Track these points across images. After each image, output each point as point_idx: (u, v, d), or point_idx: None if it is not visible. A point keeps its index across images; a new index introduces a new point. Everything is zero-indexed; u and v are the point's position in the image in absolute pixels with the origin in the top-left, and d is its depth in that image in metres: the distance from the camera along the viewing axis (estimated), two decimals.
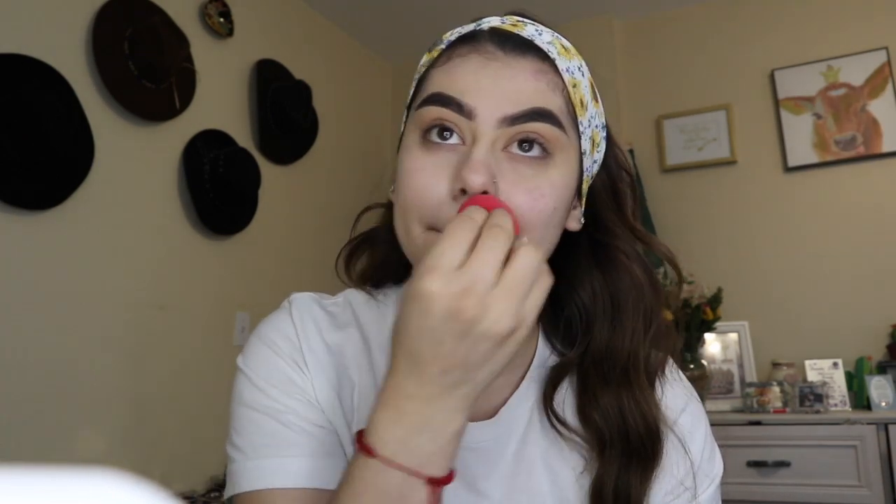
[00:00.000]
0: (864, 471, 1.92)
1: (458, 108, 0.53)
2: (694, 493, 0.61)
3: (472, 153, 0.51)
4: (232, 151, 2.21)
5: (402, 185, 0.55)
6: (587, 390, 0.61)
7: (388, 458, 0.44)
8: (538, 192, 0.53)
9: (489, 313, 0.42)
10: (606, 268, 0.62)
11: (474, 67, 0.54)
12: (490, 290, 0.43)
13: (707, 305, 2.39)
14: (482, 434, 0.60)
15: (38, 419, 1.66)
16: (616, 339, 0.60)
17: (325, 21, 2.89)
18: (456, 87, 0.54)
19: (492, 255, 0.44)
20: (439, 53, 0.58)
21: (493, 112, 0.53)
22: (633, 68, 2.91)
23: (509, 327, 0.43)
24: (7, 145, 1.59)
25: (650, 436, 0.58)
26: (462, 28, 0.59)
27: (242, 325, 2.29)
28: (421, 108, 0.55)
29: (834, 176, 2.54)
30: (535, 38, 0.56)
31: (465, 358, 0.43)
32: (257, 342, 0.62)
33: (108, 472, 0.16)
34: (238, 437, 0.58)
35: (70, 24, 1.83)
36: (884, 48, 2.52)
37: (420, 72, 0.60)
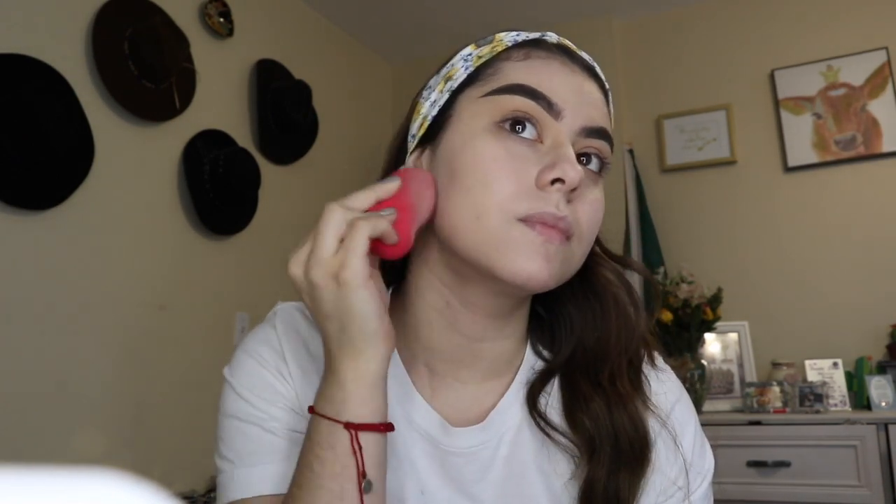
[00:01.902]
0: (864, 471, 1.92)
1: (546, 105, 0.54)
2: (687, 492, 0.61)
3: (566, 150, 0.53)
4: (232, 151, 2.21)
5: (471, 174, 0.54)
6: (575, 394, 0.61)
7: (316, 411, 0.51)
8: (597, 204, 0.57)
9: (307, 268, 0.51)
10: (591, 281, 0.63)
11: (560, 72, 0.56)
12: (310, 251, 0.51)
13: (707, 305, 2.39)
14: (471, 439, 0.60)
15: (37, 419, 1.66)
16: (602, 344, 0.61)
17: (325, 21, 2.89)
18: (543, 84, 0.55)
19: (320, 226, 0.52)
20: (506, 48, 0.58)
21: (577, 120, 0.55)
22: (633, 68, 2.91)
23: (323, 274, 0.50)
24: (7, 145, 1.59)
25: (639, 440, 0.59)
26: (526, 33, 0.60)
27: (242, 325, 2.29)
28: (500, 96, 0.55)
29: (834, 176, 2.54)
30: (594, 66, 0.61)
31: (321, 311, 0.51)
32: (243, 354, 0.63)
33: (108, 472, 0.16)
34: (225, 447, 0.60)
35: (70, 24, 1.83)
36: (884, 48, 2.52)
37: (475, 61, 0.59)
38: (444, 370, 0.62)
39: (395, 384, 0.61)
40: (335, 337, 0.51)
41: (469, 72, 0.58)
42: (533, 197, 0.53)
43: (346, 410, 0.50)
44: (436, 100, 0.60)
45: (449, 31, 2.92)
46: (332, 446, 0.50)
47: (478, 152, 0.54)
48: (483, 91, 0.56)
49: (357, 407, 0.50)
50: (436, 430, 0.60)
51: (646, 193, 2.74)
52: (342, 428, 0.50)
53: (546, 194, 0.52)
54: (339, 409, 0.50)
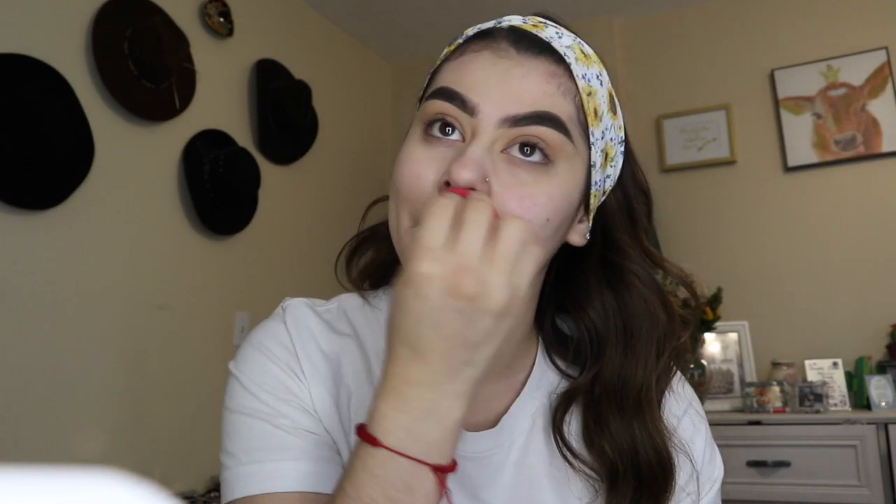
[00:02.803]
0: (864, 471, 1.92)
1: (461, 104, 0.52)
2: (697, 498, 0.61)
3: (466, 149, 0.50)
4: (232, 151, 2.21)
5: (395, 174, 0.54)
6: (598, 419, 0.58)
7: (393, 447, 0.43)
8: (531, 199, 0.51)
9: (485, 288, 0.42)
10: (618, 289, 0.60)
11: (484, 64, 0.53)
12: (481, 264, 0.42)
13: (707, 305, 2.39)
14: (483, 443, 0.59)
15: (38, 419, 1.66)
16: (629, 368, 0.58)
17: (325, 21, 2.89)
18: (463, 82, 0.53)
19: (477, 227, 0.43)
20: (455, 48, 0.57)
21: (496, 111, 0.51)
22: (633, 68, 2.91)
23: (506, 299, 0.42)
24: (7, 145, 1.59)
25: (662, 468, 0.57)
26: (483, 24, 0.58)
27: (242, 325, 2.29)
28: (426, 101, 0.54)
29: (834, 176, 2.54)
30: (552, 41, 0.55)
31: (466, 337, 0.42)
32: (250, 348, 0.60)
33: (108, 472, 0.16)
34: (231, 442, 0.56)
35: (70, 24, 1.83)
36: (884, 48, 2.52)
37: (436, 65, 0.59)
38: None
39: None
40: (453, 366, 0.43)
41: (428, 79, 0.59)
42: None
43: (439, 452, 0.44)
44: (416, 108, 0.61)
45: (449, 31, 2.90)
46: (412, 489, 0.43)
47: (400, 157, 0.54)
48: (425, 97, 0.56)
49: (451, 448, 0.44)
50: None
51: None
52: (429, 470, 0.43)
53: None
54: (430, 450, 0.43)
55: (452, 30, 0.63)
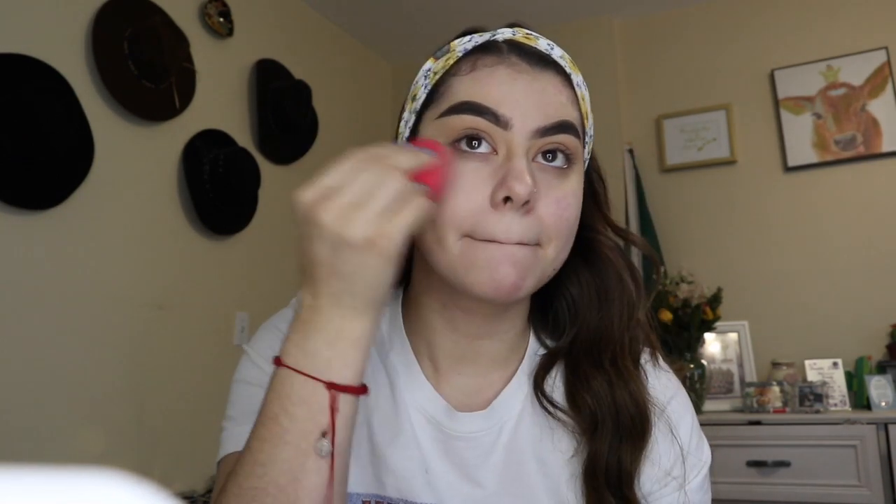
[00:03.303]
0: (864, 471, 1.92)
1: (493, 119, 0.55)
2: (683, 481, 0.62)
3: (515, 163, 0.53)
4: (232, 151, 2.21)
5: None
6: (578, 376, 0.63)
7: (289, 364, 0.48)
8: (565, 202, 0.56)
9: (344, 220, 0.46)
10: (593, 262, 0.65)
11: (505, 79, 0.56)
12: (351, 203, 0.46)
13: (707, 305, 2.39)
14: (474, 424, 0.63)
15: (37, 419, 1.66)
16: (604, 327, 0.63)
17: (325, 21, 2.89)
18: (490, 97, 0.55)
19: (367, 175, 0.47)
20: (456, 61, 0.59)
21: (527, 123, 0.55)
22: (633, 68, 2.91)
23: (364, 235, 0.46)
24: (7, 145, 1.59)
25: (640, 414, 0.60)
26: (476, 37, 0.60)
27: (242, 325, 2.29)
28: (451, 117, 0.56)
29: (834, 176, 2.54)
30: (551, 53, 0.59)
31: (335, 266, 0.47)
32: (263, 330, 0.67)
33: (108, 472, 0.16)
34: (231, 407, 0.63)
35: (70, 24, 1.83)
36: (884, 48, 2.52)
37: (432, 80, 0.60)
38: (448, 366, 0.65)
39: (404, 370, 0.65)
40: (334, 293, 0.48)
41: (427, 91, 0.60)
42: (485, 217, 0.54)
43: (331, 370, 0.48)
44: (407, 120, 0.62)
45: (449, 31, 2.91)
46: (307, 403, 0.47)
47: None
48: (437, 112, 0.58)
49: (343, 368, 0.48)
50: (441, 414, 0.63)
51: (645, 193, 2.74)
52: (323, 387, 0.48)
53: (499, 214, 0.54)
54: (322, 367, 0.48)
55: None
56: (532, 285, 0.57)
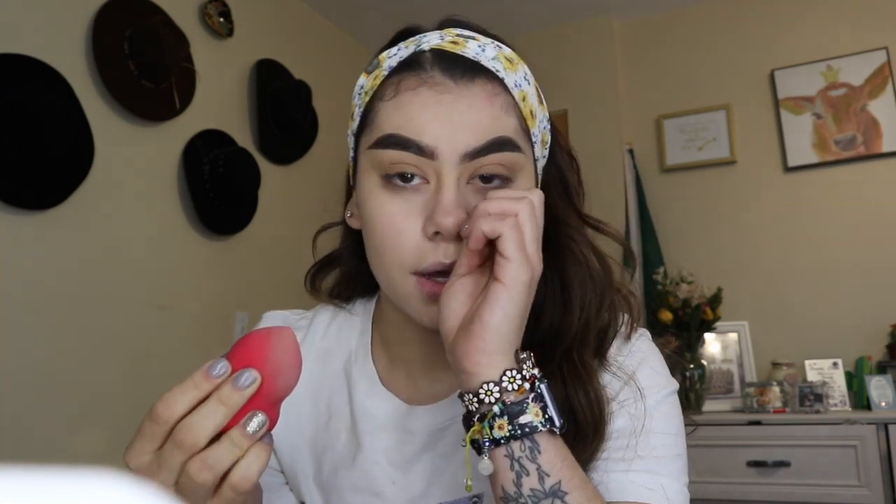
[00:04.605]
0: (864, 471, 1.92)
1: (418, 151, 0.53)
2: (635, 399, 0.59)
3: (442, 195, 0.52)
4: (232, 151, 2.21)
5: (374, 232, 0.56)
6: None
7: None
8: None
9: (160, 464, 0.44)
10: (556, 255, 0.62)
11: (428, 103, 0.53)
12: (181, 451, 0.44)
13: (707, 305, 2.39)
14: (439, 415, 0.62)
15: (37, 419, 1.66)
16: (564, 321, 0.60)
17: (325, 21, 2.89)
18: (411, 126, 0.53)
19: (209, 421, 0.44)
20: (382, 82, 0.57)
21: (454, 149, 0.53)
22: (633, 68, 2.91)
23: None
24: (7, 145, 1.59)
25: (594, 416, 0.58)
26: (401, 50, 0.58)
27: (242, 325, 2.29)
28: (378, 150, 0.55)
29: (834, 176, 2.54)
30: (480, 58, 0.56)
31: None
32: None
33: (108, 473, 0.16)
34: None
35: (70, 24, 1.83)
36: (884, 48, 2.52)
37: (364, 100, 0.59)
38: (422, 374, 0.65)
39: (365, 382, 0.65)
40: None
41: (361, 113, 0.59)
42: (422, 249, 0.53)
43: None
44: (349, 140, 0.62)
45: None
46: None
47: (374, 212, 0.55)
48: (368, 142, 0.56)
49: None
50: (402, 415, 0.63)
51: (646, 193, 2.74)
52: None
53: (434, 244, 0.53)
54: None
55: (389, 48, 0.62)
56: None
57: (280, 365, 0.45)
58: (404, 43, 0.59)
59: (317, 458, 0.65)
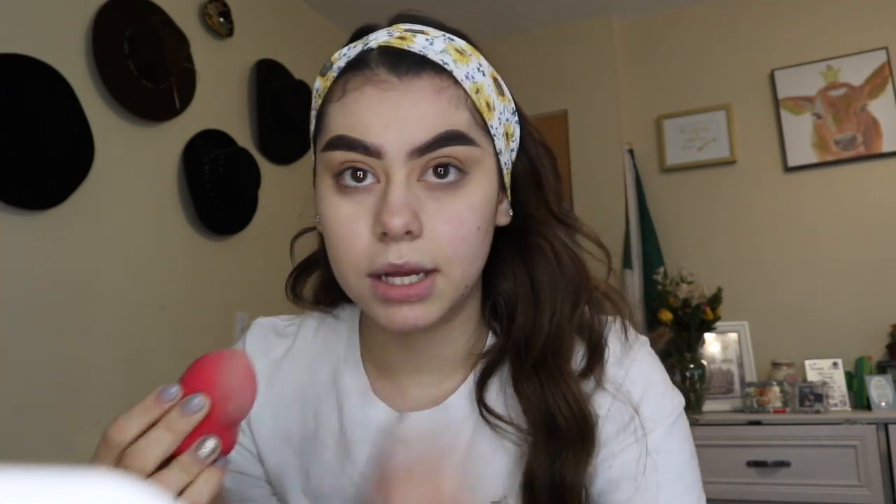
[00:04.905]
0: (864, 471, 1.92)
1: (364, 150, 0.52)
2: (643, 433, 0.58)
3: (389, 195, 0.51)
4: (232, 151, 2.21)
5: (329, 236, 0.55)
6: (514, 377, 0.60)
7: None
8: (458, 218, 0.53)
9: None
10: (526, 254, 0.61)
11: (372, 101, 0.53)
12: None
13: (707, 305, 2.39)
14: (430, 422, 0.61)
15: (38, 419, 1.66)
16: (537, 322, 0.59)
17: (325, 21, 2.89)
18: (357, 127, 0.52)
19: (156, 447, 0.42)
20: (332, 83, 0.57)
21: (401, 146, 0.52)
22: (633, 68, 2.91)
23: None
24: (7, 145, 1.59)
25: (577, 420, 0.56)
26: (349, 50, 0.57)
27: (242, 325, 2.29)
28: (326, 153, 0.54)
29: (834, 176, 2.54)
30: (427, 52, 0.54)
31: None
32: None
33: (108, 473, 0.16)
34: None
35: (70, 24, 1.83)
36: (884, 48, 2.52)
37: (318, 101, 0.58)
38: (406, 378, 0.64)
39: (356, 392, 0.64)
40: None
41: (315, 119, 0.59)
42: (373, 251, 0.52)
43: None
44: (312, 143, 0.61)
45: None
46: None
47: (327, 215, 0.55)
48: (320, 145, 0.56)
49: None
50: (393, 423, 0.62)
51: (646, 193, 2.74)
52: None
53: (385, 245, 0.52)
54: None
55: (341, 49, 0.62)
56: (441, 312, 0.55)
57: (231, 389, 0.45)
58: (354, 42, 0.58)
59: (304, 468, 0.64)
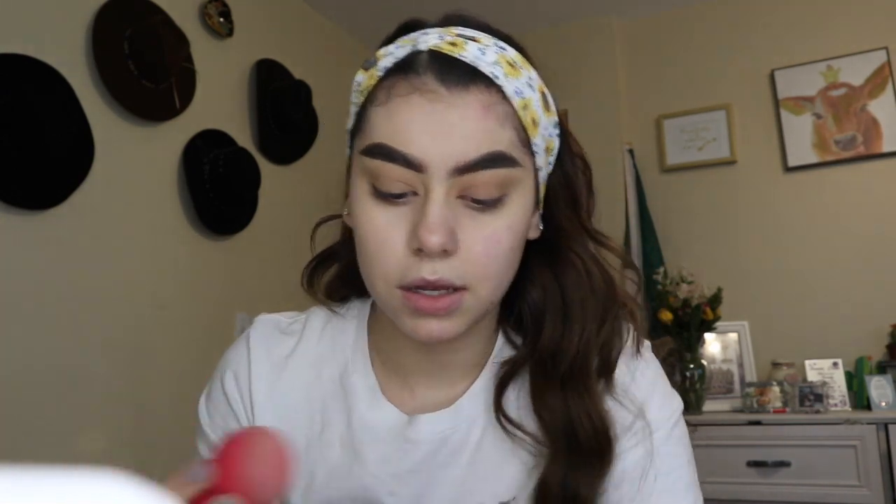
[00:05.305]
0: (864, 471, 1.92)
1: (405, 163, 0.51)
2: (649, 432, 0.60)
3: (427, 210, 0.50)
4: (232, 151, 2.21)
5: (361, 240, 0.54)
6: (535, 387, 0.60)
7: None
8: (494, 238, 0.52)
9: None
10: (558, 267, 0.61)
11: (417, 112, 0.51)
12: None
13: (707, 305, 2.38)
14: (440, 424, 0.61)
15: (38, 419, 1.66)
16: (566, 337, 0.59)
17: (325, 21, 2.89)
18: (400, 137, 0.51)
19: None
20: (376, 83, 0.55)
21: (444, 163, 0.50)
22: (633, 68, 2.91)
23: None
24: (7, 145, 1.59)
25: (598, 437, 0.57)
26: (397, 49, 0.55)
27: (242, 326, 2.29)
28: (367, 158, 0.53)
29: (834, 176, 2.54)
30: (478, 62, 0.52)
31: None
32: (214, 378, 0.69)
33: (109, 473, 0.16)
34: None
35: (70, 24, 1.83)
36: (884, 48, 2.52)
37: (359, 98, 0.57)
38: (416, 381, 0.64)
39: (366, 394, 0.63)
40: None
41: (355, 115, 0.58)
42: (406, 265, 0.52)
43: None
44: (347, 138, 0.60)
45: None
46: None
47: (363, 221, 0.54)
48: (360, 146, 0.55)
49: None
50: (402, 425, 0.62)
51: (646, 193, 2.73)
52: None
53: (419, 259, 0.51)
54: None
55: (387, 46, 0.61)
56: (466, 327, 0.55)
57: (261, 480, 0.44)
58: (401, 40, 0.56)
59: (310, 470, 0.63)
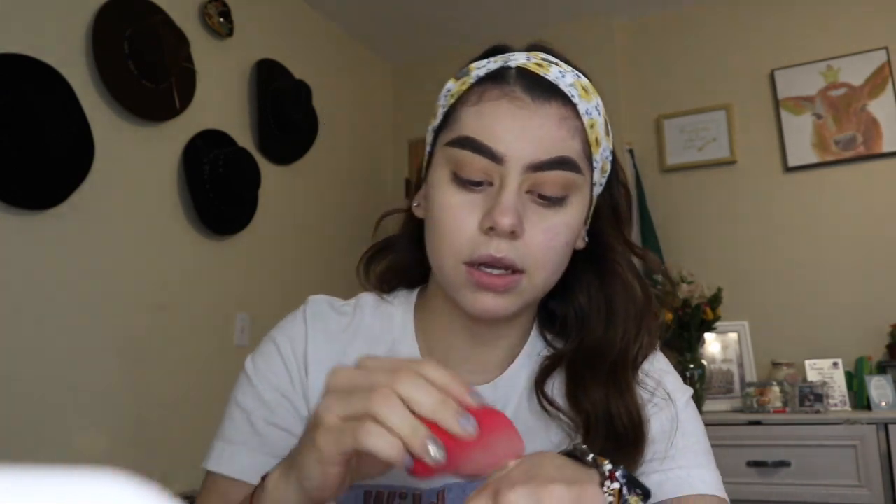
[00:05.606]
0: (864, 471, 1.92)
1: (489, 156, 0.59)
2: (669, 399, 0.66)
3: (502, 197, 0.58)
4: (232, 151, 2.21)
5: (436, 221, 0.61)
6: (577, 380, 0.66)
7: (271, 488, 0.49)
8: (554, 231, 0.60)
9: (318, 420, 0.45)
10: (604, 276, 0.68)
11: (505, 114, 0.59)
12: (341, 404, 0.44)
13: (707, 305, 2.39)
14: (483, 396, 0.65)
15: (38, 419, 1.66)
16: (608, 337, 0.66)
17: (325, 21, 2.89)
18: (487, 132, 0.59)
19: (424, 397, 0.43)
20: (468, 88, 0.63)
21: (521, 159, 0.58)
22: (633, 68, 2.91)
23: (320, 445, 0.44)
24: (7, 145, 1.59)
25: (634, 428, 0.62)
26: (490, 62, 0.63)
27: (242, 326, 2.29)
28: (453, 149, 0.60)
29: (834, 176, 2.54)
30: (559, 82, 0.61)
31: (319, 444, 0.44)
32: (265, 343, 0.70)
33: (109, 473, 0.16)
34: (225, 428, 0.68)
35: (70, 24, 1.83)
36: (884, 48, 2.52)
37: (449, 101, 0.64)
38: (457, 363, 0.69)
39: None
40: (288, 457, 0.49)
41: (444, 112, 0.65)
42: (476, 242, 0.59)
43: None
44: (428, 135, 0.67)
45: (449, 31, 2.91)
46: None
47: (440, 203, 0.61)
48: (446, 139, 0.62)
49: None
50: None
51: (646, 193, 2.73)
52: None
53: (488, 238, 0.58)
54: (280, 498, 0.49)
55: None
56: (517, 308, 0.62)
57: (493, 453, 0.44)
58: (493, 58, 0.64)
59: None
